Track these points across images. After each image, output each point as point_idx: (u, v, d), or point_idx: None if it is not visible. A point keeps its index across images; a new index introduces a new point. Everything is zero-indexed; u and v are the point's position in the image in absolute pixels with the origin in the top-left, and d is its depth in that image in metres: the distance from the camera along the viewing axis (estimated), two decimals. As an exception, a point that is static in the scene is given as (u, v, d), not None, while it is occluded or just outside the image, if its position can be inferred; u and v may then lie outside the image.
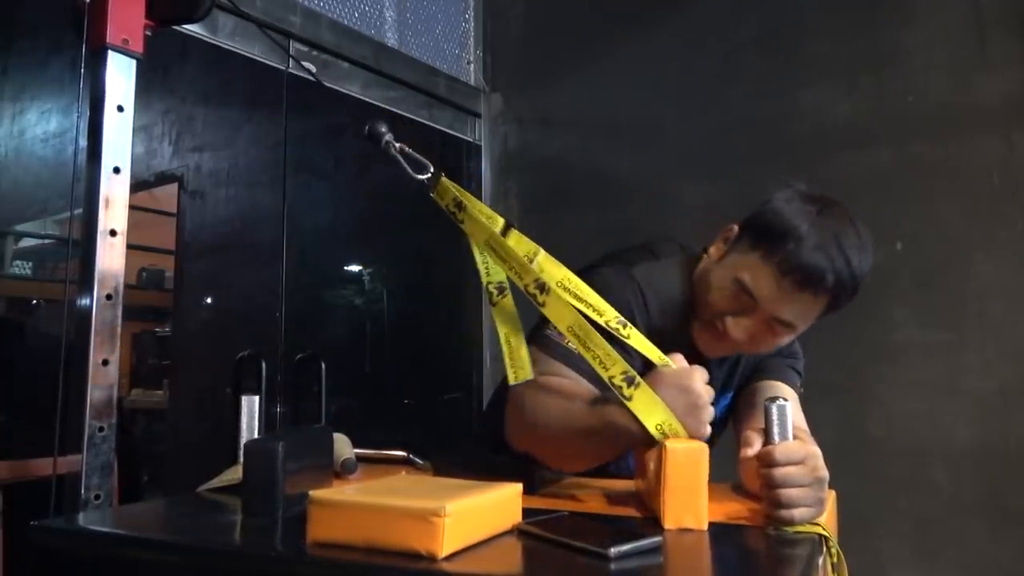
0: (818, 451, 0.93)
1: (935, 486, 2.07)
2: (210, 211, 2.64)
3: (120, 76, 1.33)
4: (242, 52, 2.00)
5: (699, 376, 0.99)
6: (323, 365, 2.14)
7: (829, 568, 0.92)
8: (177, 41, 1.99)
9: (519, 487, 0.88)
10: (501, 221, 1.08)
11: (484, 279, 1.08)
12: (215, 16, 1.90)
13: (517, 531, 0.85)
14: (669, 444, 0.91)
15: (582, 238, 2.34)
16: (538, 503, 1.02)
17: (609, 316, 1.03)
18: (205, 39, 1.92)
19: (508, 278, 1.06)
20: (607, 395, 1.02)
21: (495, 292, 1.08)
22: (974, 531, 2.02)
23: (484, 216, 1.06)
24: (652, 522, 0.92)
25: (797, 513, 0.88)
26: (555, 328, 1.09)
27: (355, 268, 2.64)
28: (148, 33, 1.36)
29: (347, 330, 2.62)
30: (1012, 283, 2.03)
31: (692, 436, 0.95)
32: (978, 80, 2.10)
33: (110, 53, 1.31)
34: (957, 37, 2.13)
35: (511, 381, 1.06)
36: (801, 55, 2.34)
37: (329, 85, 2.25)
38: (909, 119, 2.17)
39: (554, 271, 1.05)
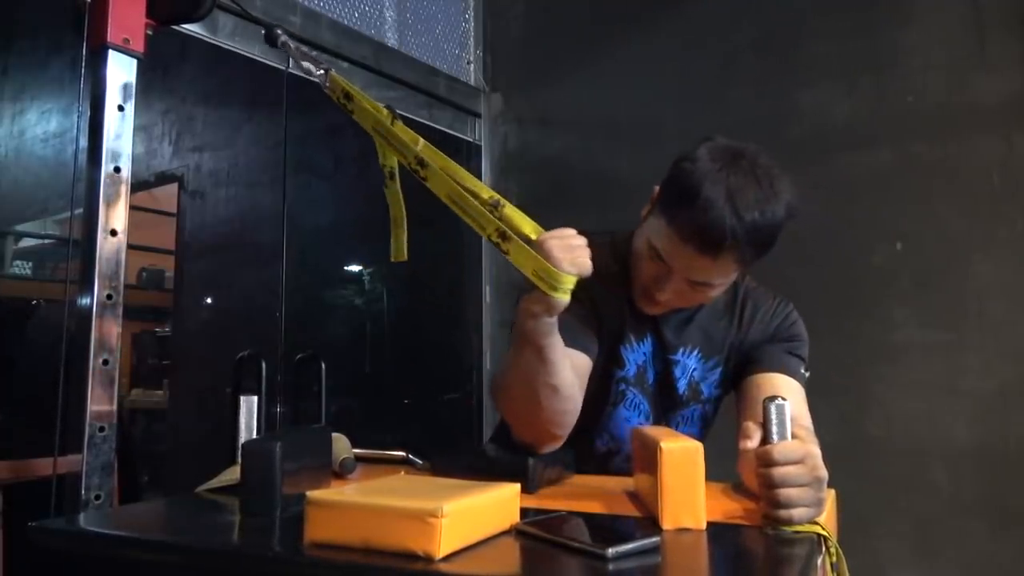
0: (817, 450, 0.93)
1: (935, 486, 2.07)
2: (210, 211, 2.65)
3: (121, 76, 1.33)
4: (242, 52, 2.00)
5: (553, 232, 1.05)
6: (323, 365, 2.14)
7: (828, 568, 0.92)
8: (177, 41, 1.99)
9: (517, 487, 0.88)
10: (387, 112, 1.19)
11: (381, 162, 1.24)
12: (215, 16, 1.90)
13: (515, 531, 0.85)
14: (663, 444, 0.91)
15: (582, 238, 2.34)
16: (536, 503, 1.02)
17: (483, 197, 1.12)
18: (205, 39, 1.92)
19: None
20: None
21: (387, 176, 1.25)
22: (974, 531, 2.02)
23: (370, 106, 1.19)
24: (650, 522, 0.92)
25: (796, 513, 0.88)
26: (513, 332, 1.19)
27: (355, 268, 2.64)
28: (149, 33, 1.36)
29: (347, 330, 2.62)
30: (1012, 283, 2.03)
31: (567, 272, 1.01)
32: (978, 80, 2.10)
33: (111, 52, 1.31)
34: (956, 37, 2.13)
35: (392, 258, 1.28)
36: (801, 55, 2.34)
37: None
38: (909, 119, 2.17)
39: (435, 157, 1.15)
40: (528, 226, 1.10)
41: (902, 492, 2.11)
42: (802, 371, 1.32)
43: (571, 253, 1.03)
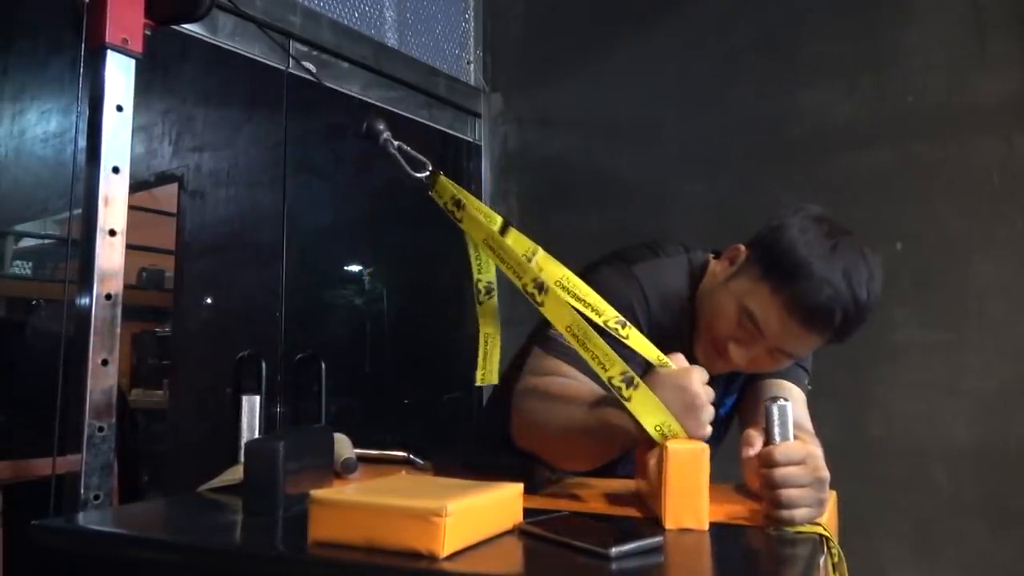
0: (819, 451, 0.93)
1: (935, 486, 2.07)
2: (210, 211, 2.64)
3: (119, 76, 1.33)
4: (242, 52, 2.00)
5: (697, 376, 0.98)
6: (323, 365, 2.14)
7: (830, 568, 0.92)
8: (177, 41, 1.98)
9: (520, 487, 0.88)
10: (499, 220, 1.09)
11: (475, 276, 1.11)
12: (215, 16, 1.90)
13: (518, 531, 0.85)
14: (670, 445, 0.91)
15: (582, 238, 2.34)
16: (539, 503, 1.02)
17: (608, 316, 1.03)
18: (205, 39, 1.92)
19: (500, 278, 1.07)
20: (607, 396, 1.02)
21: (483, 291, 1.12)
22: (974, 531, 2.02)
23: (482, 215, 1.07)
24: (653, 522, 0.92)
25: (798, 513, 0.88)
26: (550, 329, 1.11)
27: (355, 268, 2.64)
28: (148, 33, 1.36)
29: (347, 330, 2.62)
30: (1012, 283, 2.03)
31: (691, 436, 0.95)
32: (978, 80, 2.10)
33: (109, 53, 1.31)
34: (957, 37, 2.13)
35: (477, 382, 1.10)
36: (801, 55, 2.34)
37: (329, 85, 2.25)
38: (909, 119, 2.18)
39: (553, 270, 1.06)
40: (653, 352, 1.02)
41: (902, 492, 2.11)
42: (805, 382, 1.32)
43: (695, 418, 0.96)
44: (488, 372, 1.12)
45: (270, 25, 2.04)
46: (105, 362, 1.27)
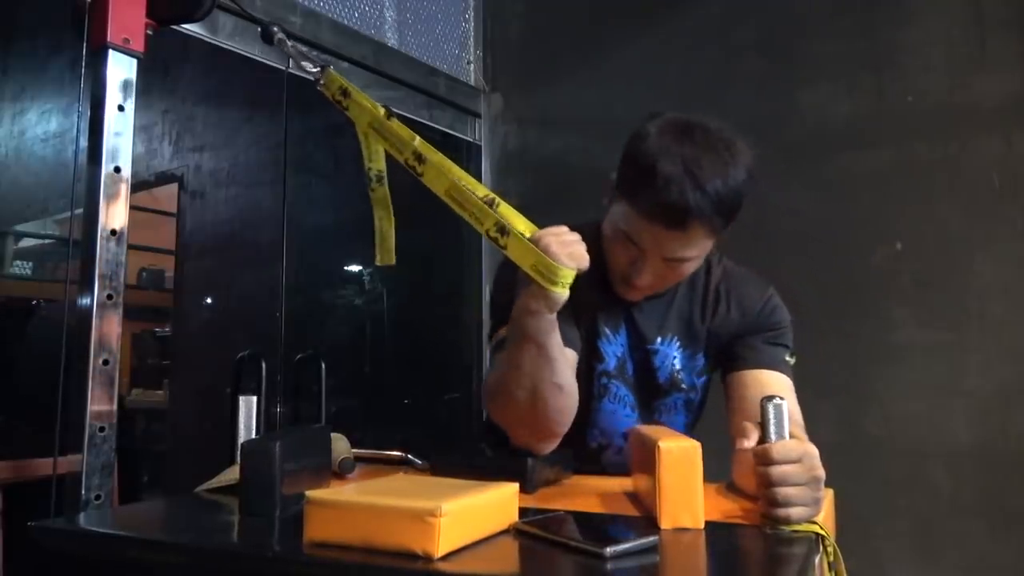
0: (815, 450, 0.93)
1: (935, 486, 2.07)
2: (210, 211, 2.64)
3: (121, 75, 1.33)
4: (242, 52, 2.00)
5: (549, 229, 1.07)
6: (323, 365, 2.14)
7: (826, 567, 0.92)
8: (177, 41, 1.99)
9: (515, 487, 0.88)
10: (383, 109, 1.18)
11: (366, 165, 1.21)
12: (215, 16, 1.90)
13: (513, 531, 0.85)
14: (661, 444, 0.91)
15: (582, 238, 2.34)
16: (534, 503, 1.02)
17: (481, 191, 1.12)
18: (205, 39, 1.92)
19: (390, 160, 1.18)
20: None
21: (374, 179, 1.22)
22: (974, 531, 2.02)
23: (368, 102, 1.17)
24: (648, 521, 0.92)
25: (794, 512, 0.88)
26: (492, 334, 1.27)
27: (355, 268, 2.64)
28: (149, 33, 1.37)
29: (347, 330, 2.62)
30: (1012, 283, 2.03)
31: (567, 266, 1.03)
32: (978, 80, 2.10)
33: (111, 52, 1.31)
34: (957, 37, 2.13)
35: (377, 262, 1.26)
36: (801, 55, 2.34)
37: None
38: (909, 119, 2.17)
39: (431, 152, 1.14)
40: (522, 224, 1.10)
41: (902, 492, 2.11)
42: (787, 358, 1.31)
43: (568, 248, 1.05)
44: (386, 252, 1.27)
45: (259, 20, 2.04)
46: (105, 362, 1.27)
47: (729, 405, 1.32)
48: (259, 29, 1.29)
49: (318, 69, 1.20)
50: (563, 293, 1.04)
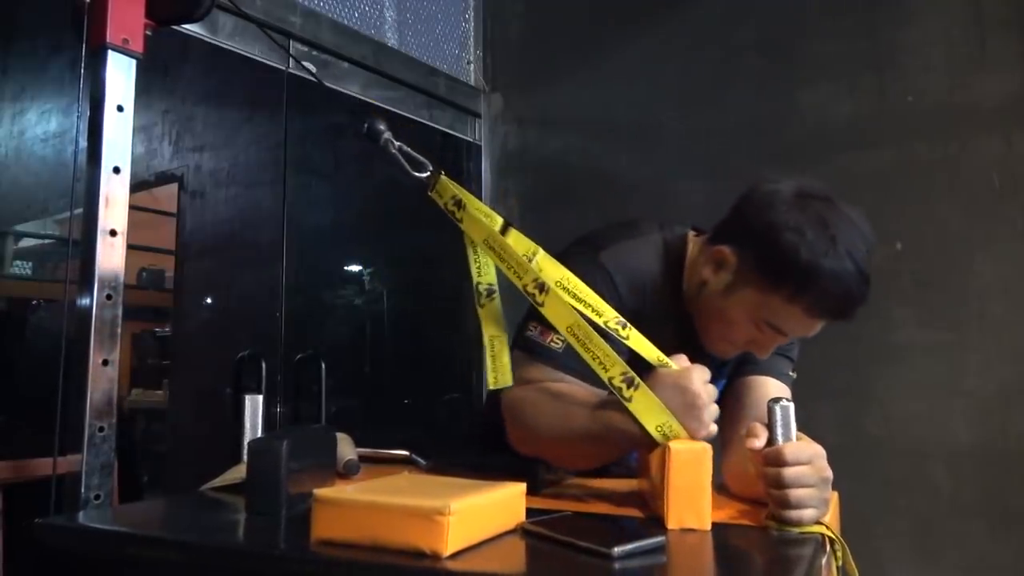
0: (823, 451, 0.93)
1: (935, 486, 2.07)
2: (210, 211, 2.63)
3: (120, 76, 1.32)
4: (242, 52, 2.00)
5: (698, 375, 0.98)
6: (323, 365, 2.14)
7: (834, 569, 0.92)
8: (177, 41, 1.98)
9: (523, 487, 0.88)
10: (500, 220, 1.09)
11: (475, 279, 1.09)
12: (215, 16, 1.90)
13: (520, 530, 0.85)
14: (672, 445, 0.91)
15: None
16: (541, 503, 1.02)
17: (608, 316, 1.03)
18: (205, 39, 1.92)
19: (501, 278, 1.06)
20: (606, 398, 1.02)
21: (484, 294, 1.08)
22: (974, 531, 2.02)
23: (483, 215, 1.07)
24: (655, 522, 0.92)
25: (806, 514, 0.88)
26: (535, 328, 1.14)
27: (355, 268, 2.64)
28: (148, 33, 1.36)
29: (347, 330, 2.62)
30: (1012, 283, 2.03)
31: (693, 437, 0.95)
32: (978, 80, 2.10)
33: (110, 53, 1.31)
34: (957, 37, 2.13)
35: (490, 385, 1.07)
36: (801, 55, 2.35)
37: (329, 85, 2.25)
38: (909, 119, 2.18)
39: (552, 271, 1.05)
40: (654, 353, 1.01)
41: (902, 492, 2.11)
42: (789, 372, 1.31)
43: (696, 418, 0.96)
44: (500, 375, 1.07)
45: (270, 25, 2.04)
46: (105, 362, 1.26)
47: (722, 406, 1.32)
48: (365, 126, 1.12)
49: (429, 173, 1.09)
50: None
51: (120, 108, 1.32)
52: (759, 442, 0.93)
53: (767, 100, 2.37)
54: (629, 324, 1.03)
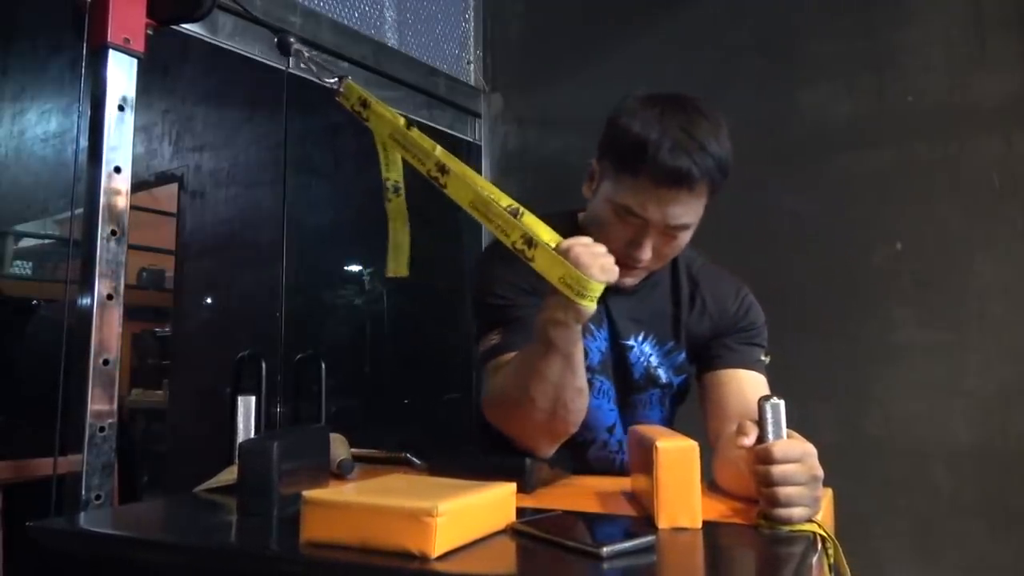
0: (814, 449, 0.93)
1: (935, 486, 2.07)
2: (210, 211, 2.64)
3: (121, 75, 1.33)
4: (242, 52, 2.01)
5: (577, 239, 1.06)
6: (323, 365, 2.14)
7: (826, 568, 0.92)
8: (177, 41, 1.99)
9: (513, 487, 0.89)
10: (403, 119, 1.18)
11: (383, 175, 1.20)
12: (215, 16, 1.90)
13: (511, 530, 0.85)
14: (659, 443, 0.91)
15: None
16: (532, 502, 1.02)
17: (504, 201, 1.11)
18: (205, 39, 1.92)
19: (409, 170, 1.17)
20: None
21: (391, 190, 1.22)
22: (974, 531, 2.01)
23: (388, 113, 1.16)
24: (646, 521, 0.92)
25: (795, 512, 0.88)
26: (479, 343, 1.26)
27: (355, 268, 2.65)
28: (149, 32, 1.37)
29: (347, 330, 2.62)
30: (1012, 283, 2.03)
31: (597, 279, 1.02)
32: (978, 80, 2.09)
33: (111, 52, 1.31)
34: (957, 37, 2.13)
35: (388, 273, 1.23)
36: (801, 55, 2.34)
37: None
38: (909, 119, 2.17)
39: (454, 163, 1.13)
40: (547, 234, 1.09)
41: (902, 492, 2.10)
42: (761, 357, 1.33)
43: (599, 259, 1.04)
44: (399, 264, 1.25)
45: (270, 25, 2.04)
46: (106, 362, 1.27)
47: (705, 404, 1.33)
48: (275, 39, 1.27)
49: (336, 80, 1.20)
50: (591, 306, 1.03)
51: (121, 108, 1.33)
52: (749, 440, 0.93)
53: (767, 100, 2.36)
54: (521, 208, 1.10)
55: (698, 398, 1.37)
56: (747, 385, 1.27)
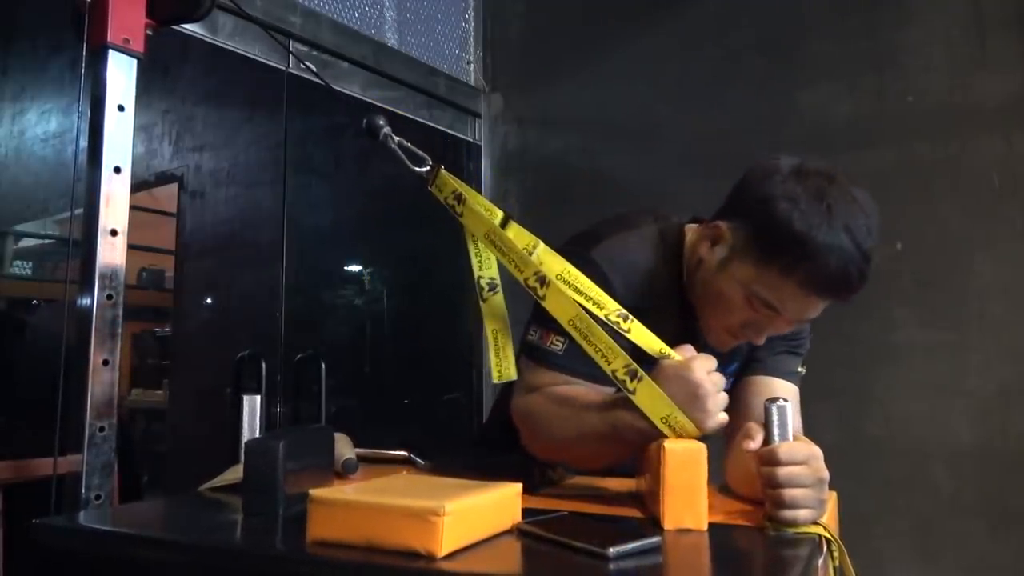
0: (820, 451, 0.93)
1: (935, 486, 2.07)
2: (210, 211, 2.63)
3: (121, 75, 1.33)
4: (242, 52, 2.00)
5: (700, 364, 0.97)
6: (323, 365, 2.14)
7: (831, 570, 0.92)
8: (177, 41, 1.98)
9: (519, 487, 0.88)
10: (500, 214, 1.09)
11: (476, 273, 1.09)
12: (215, 16, 1.90)
13: (516, 531, 0.85)
14: (667, 444, 0.91)
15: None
16: (538, 503, 1.02)
17: (609, 309, 1.02)
18: (205, 39, 1.92)
19: (503, 272, 1.06)
20: (613, 396, 1.02)
21: (486, 288, 1.09)
22: (974, 531, 2.02)
23: (483, 208, 1.07)
24: (652, 523, 0.92)
25: (801, 514, 0.88)
26: (536, 332, 1.13)
27: (355, 268, 2.64)
28: (149, 33, 1.36)
29: (347, 330, 2.62)
30: (1012, 283, 2.03)
31: (700, 427, 0.94)
32: (978, 80, 2.10)
33: (111, 52, 1.31)
34: (956, 37, 2.13)
35: (495, 379, 1.07)
36: (801, 55, 2.34)
37: (335, 87, 2.25)
38: (909, 119, 2.18)
39: (553, 264, 1.05)
40: (656, 344, 1.01)
41: (902, 492, 2.11)
42: (798, 368, 1.29)
43: (700, 409, 0.94)
44: (504, 368, 1.08)
45: (271, 25, 2.04)
46: (106, 362, 1.27)
47: (731, 407, 1.31)
48: (364, 122, 1.13)
49: (428, 168, 1.10)
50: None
51: (121, 108, 1.33)
52: (755, 443, 0.93)
53: (767, 100, 2.36)
54: (630, 316, 1.02)
55: None
56: (776, 392, 1.20)
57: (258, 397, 1.18)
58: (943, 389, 2.08)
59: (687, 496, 0.90)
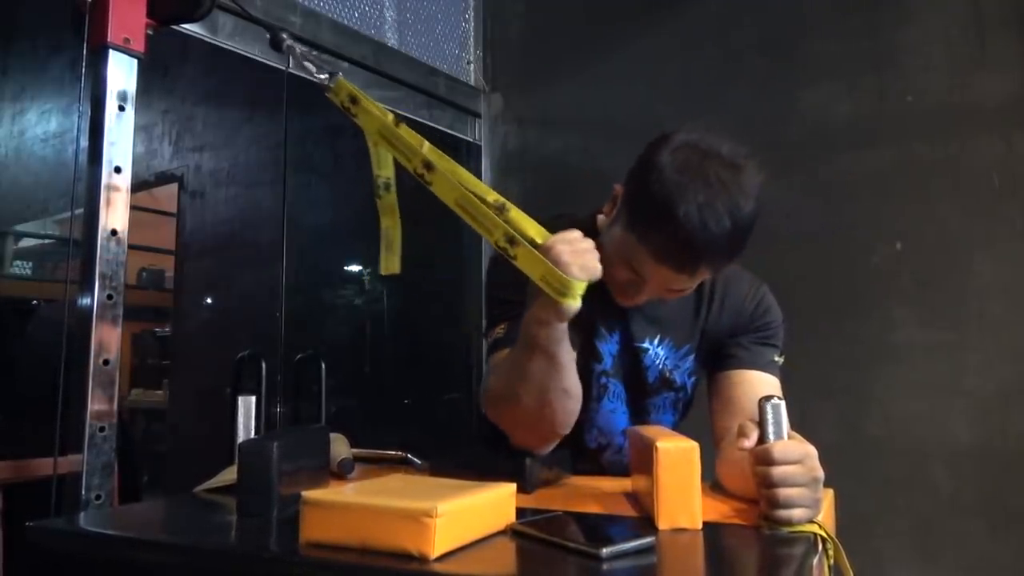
0: (814, 450, 0.93)
1: (935, 486, 2.07)
2: (210, 211, 2.64)
3: (121, 75, 1.33)
4: (242, 52, 2.01)
5: (559, 236, 1.04)
6: (323, 365, 2.14)
7: (827, 569, 0.92)
8: (177, 41, 1.99)
9: (513, 487, 0.88)
10: (391, 115, 1.16)
11: (375, 172, 1.20)
12: (215, 16, 1.90)
13: (510, 531, 0.85)
14: (659, 444, 0.91)
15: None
16: (532, 503, 1.02)
17: (491, 197, 1.11)
18: (205, 39, 1.92)
19: (397, 167, 1.16)
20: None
21: (382, 187, 1.22)
22: (974, 531, 2.01)
23: (376, 109, 1.15)
24: (646, 522, 0.92)
25: (795, 513, 0.88)
26: (488, 334, 1.27)
27: (355, 268, 2.65)
28: (149, 32, 1.37)
29: (347, 330, 2.62)
30: (1012, 283, 2.03)
31: (577, 277, 1.00)
32: (978, 80, 2.09)
33: (111, 52, 1.31)
34: (956, 37, 2.13)
35: (382, 269, 1.21)
36: (801, 55, 2.34)
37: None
38: (909, 119, 2.17)
39: (440, 159, 1.12)
40: (533, 229, 1.08)
41: (902, 492, 2.10)
42: (775, 358, 1.31)
43: (581, 257, 1.02)
44: (391, 262, 1.24)
45: (264, 23, 2.04)
46: (106, 362, 1.27)
47: (713, 403, 1.32)
48: (267, 35, 1.25)
49: (326, 76, 1.18)
50: (574, 304, 1.02)
51: (121, 108, 1.33)
52: (749, 441, 0.93)
53: (767, 100, 2.36)
54: (508, 204, 1.10)
55: (707, 397, 1.35)
56: (759, 387, 1.25)
57: (253, 398, 1.18)
58: (943, 389, 2.07)
59: (681, 495, 0.90)
